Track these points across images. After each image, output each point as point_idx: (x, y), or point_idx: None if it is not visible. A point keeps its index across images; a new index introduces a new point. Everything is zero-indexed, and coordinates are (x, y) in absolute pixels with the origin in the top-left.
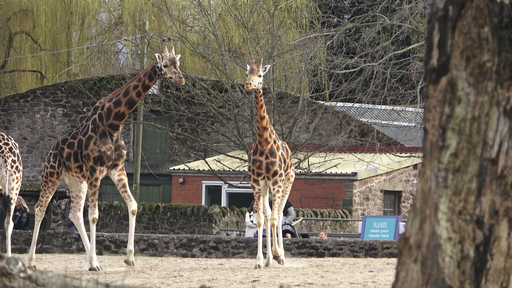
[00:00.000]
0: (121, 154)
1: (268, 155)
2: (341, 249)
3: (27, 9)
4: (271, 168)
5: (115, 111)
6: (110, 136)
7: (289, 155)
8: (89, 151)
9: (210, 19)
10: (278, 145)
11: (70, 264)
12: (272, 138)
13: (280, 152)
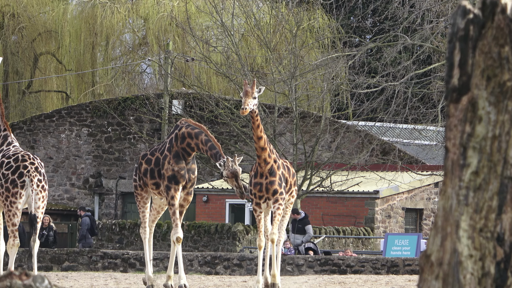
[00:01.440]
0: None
1: (268, 175)
2: (363, 266)
3: (52, 30)
4: (270, 188)
5: (188, 140)
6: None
7: (291, 174)
8: (164, 170)
9: (233, 40)
10: (279, 164)
11: (96, 282)
12: (272, 158)
13: (281, 171)
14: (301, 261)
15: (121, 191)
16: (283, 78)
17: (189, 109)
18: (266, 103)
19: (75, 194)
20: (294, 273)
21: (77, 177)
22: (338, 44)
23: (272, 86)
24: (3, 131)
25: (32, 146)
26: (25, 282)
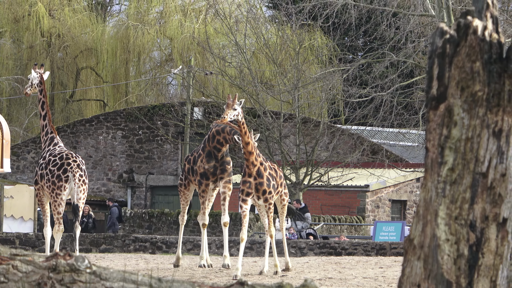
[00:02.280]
0: (225, 168)
1: (256, 176)
2: (356, 249)
3: (92, 48)
4: (259, 188)
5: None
6: (214, 155)
7: (278, 175)
8: (197, 167)
9: (246, 56)
10: (266, 166)
11: (128, 262)
12: (258, 161)
13: (268, 172)
14: (302, 244)
15: (150, 184)
16: (288, 89)
17: (207, 115)
18: (273, 110)
19: (110, 187)
20: (297, 254)
21: (113, 172)
22: (334, 60)
23: (278, 96)
24: (50, 134)
25: (74, 146)
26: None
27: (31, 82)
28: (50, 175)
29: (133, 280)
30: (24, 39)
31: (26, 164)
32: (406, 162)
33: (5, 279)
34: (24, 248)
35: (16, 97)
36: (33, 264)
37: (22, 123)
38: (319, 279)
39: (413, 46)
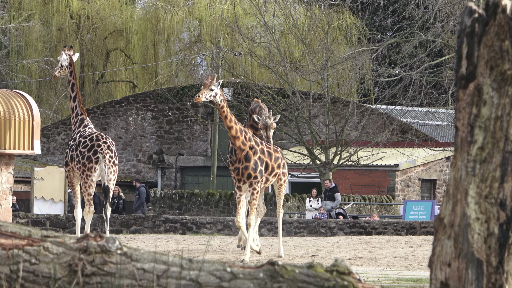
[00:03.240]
0: None
1: (243, 160)
2: (386, 228)
3: (121, 29)
4: (244, 172)
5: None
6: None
7: (273, 158)
8: None
9: (274, 37)
10: (257, 150)
11: (159, 243)
12: (247, 145)
13: (258, 156)
14: (332, 224)
15: (180, 165)
16: (317, 69)
17: (237, 96)
18: (303, 90)
19: (141, 168)
20: (327, 234)
21: (143, 153)
22: (363, 40)
23: (308, 76)
24: (80, 115)
25: (104, 128)
26: (99, 242)
27: (60, 64)
28: (81, 157)
29: (163, 261)
30: (53, 21)
31: (56, 146)
32: (435, 141)
33: (36, 260)
34: (55, 230)
35: (46, 79)
36: (64, 246)
37: (52, 105)
38: (349, 259)
39: (442, 25)
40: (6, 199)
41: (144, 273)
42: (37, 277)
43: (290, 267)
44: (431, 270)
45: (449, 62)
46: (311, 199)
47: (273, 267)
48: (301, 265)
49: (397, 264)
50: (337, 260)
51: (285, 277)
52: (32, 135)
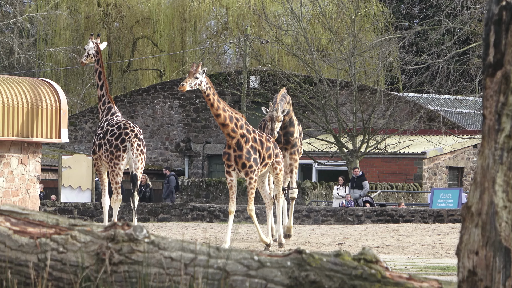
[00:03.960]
0: (288, 139)
1: (236, 148)
2: (413, 216)
3: (148, 17)
4: (238, 161)
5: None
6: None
7: (264, 147)
8: None
9: (302, 25)
10: (248, 138)
11: (186, 231)
12: (238, 133)
13: (250, 145)
14: (360, 212)
15: (207, 153)
16: (344, 57)
17: (264, 84)
18: (330, 78)
19: (168, 157)
20: (354, 222)
21: (170, 142)
22: (390, 28)
23: (335, 64)
24: (108, 104)
25: (131, 116)
26: (126, 231)
27: (87, 52)
28: (108, 145)
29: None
30: (80, 9)
31: (83, 134)
32: (463, 129)
33: (63, 249)
34: (82, 218)
35: (73, 67)
36: (92, 234)
37: (80, 93)
38: (377, 247)
39: (469, 13)
40: (33, 188)
41: (172, 262)
42: (65, 265)
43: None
44: (458, 258)
45: (476, 50)
46: (338, 187)
47: (301, 255)
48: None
49: (425, 252)
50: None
51: (313, 265)
52: (59, 124)
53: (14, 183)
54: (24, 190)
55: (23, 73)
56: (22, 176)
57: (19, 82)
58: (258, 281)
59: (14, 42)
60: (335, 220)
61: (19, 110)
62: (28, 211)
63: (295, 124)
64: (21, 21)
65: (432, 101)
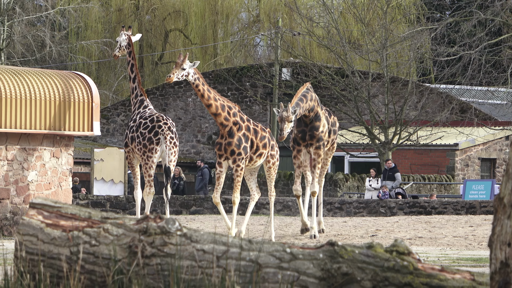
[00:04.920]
0: (313, 134)
1: (226, 136)
2: (445, 208)
3: (180, 10)
4: (227, 148)
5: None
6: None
7: (258, 136)
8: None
9: (333, 16)
10: (242, 126)
11: (218, 223)
12: (231, 121)
13: (242, 133)
14: (392, 204)
15: None
16: (376, 48)
17: (296, 76)
18: (361, 70)
19: (200, 149)
20: (386, 214)
21: (202, 134)
22: (422, 19)
23: (367, 56)
24: (140, 96)
25: (163, 109)
26: (159, 224)
27: (119, 45)
28: (141, 138)
29: (223, 242)
30: (112, 2)
31: (116, 127)
32: (495, 120)
33: (96, 242)
34: (115, 211)
35: (105, 60)
36: (124, 227)
37: (112, 86)
38: (409, 239)
39: (501, 4)
40: (66, 181)
41: (204, 254)
42: (97, 258)
43: (350, 248)
44: (490, 249)
45: (508, 41)
46: (370, 179)
47: (333, 247)
48: (361, 246)
49: (457, 243)
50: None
51: (345, 257)
52: (91, 117)
53: (47, 176)
54: (57, 183)
55: (55, 66)
56: (55, 169)
57: (51, 75)
58: (290, 273)
59: (46, 35)
60: (368, 212)
61: (51, 103)
62: (60, 204)
63: (322, 118)
64: (53, 14)
65: (464, 93)
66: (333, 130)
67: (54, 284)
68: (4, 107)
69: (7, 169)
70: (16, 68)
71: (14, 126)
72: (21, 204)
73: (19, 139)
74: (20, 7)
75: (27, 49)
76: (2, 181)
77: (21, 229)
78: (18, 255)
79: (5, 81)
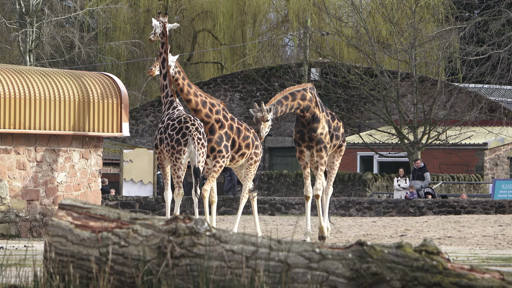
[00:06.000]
0: (311, 136)
1: (207, 133)
2: (474, 207)
3: (208, 10)
4: (207, 145)
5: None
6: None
7: (241, 136)
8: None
9: (362, 16)
10: (225, 124)
11: (248, 224)
12: (212, 118)
13: (224, 131)
14: (421, 203)
15: (268, 146)
16: (404, 48)
17: (325, 76)
18: (390, 69)
19: None
20: (415, 214)
21: None
22: (451, 19)
23: (395, 55)
24: (170, 97)
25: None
26: (188, 224)
27: (154, 31)
28: (170, 139)
29: (252, 242)
30: (140, 2)
31: (145, 127)
32: None
33: (125, 243)
34: (144, 212)
35: (134, 61)
36: (153, 228)
37: (140, 87)
38: (438, 238)
39: None
40: (95, 182)
41: (233, 255)
42: (126, 259)
43: (379, 248)
44: None
45: None
46: (399, 178)
47: (362, 247)
48: (390, 245)
49: (486, 243)
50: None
51: (374, 257)
52: (120, 118)
53: (76, 177)
54: (86, 184)
55: (84, 67)
56: (84, 170)
57: (80, 77)
58: (320, 274)
59: (75, 36)
60: (397, 211)
61: (80, 104)
62: (89, 205)
63: (321, 120)
64: (82, 15)
65: (493, 92)
66: (335, 134)
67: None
68: (33, 108)
69: (36, 170)
70: (45, 70)
71: (43, 127)
72: (50, 205)
73: (48, 140)
74: (48, 8)
75: (56, 50)
76: (32, 182)
77: (50, 230)
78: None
79: (34, 82)
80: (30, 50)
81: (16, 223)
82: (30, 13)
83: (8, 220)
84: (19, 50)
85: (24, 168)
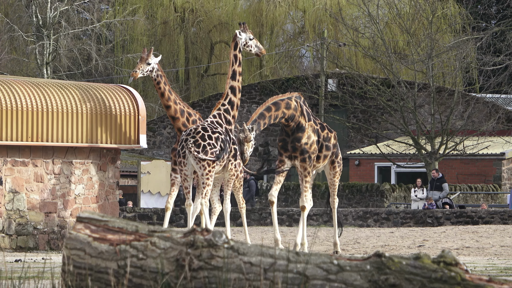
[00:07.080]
0: (295, 146)
1: None
2: (492, 217)
3: (225, 22)
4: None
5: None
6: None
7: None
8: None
9: (379, 27)
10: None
11: (265, 235)
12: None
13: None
14: (439, 214)
15: None
16: (421, 58)
17: (342, 87)
18: (407, 80)
19: None
20: (433, 224)
21: None
22: (468, 29)
23: (412, 66)
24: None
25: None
26: (206, 237)
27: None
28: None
29: (270, 254)
30: (157, 15)
31: (162, 139)
32: None
33: (143, 255)
34: (161, 224)
35: None
36: (171, 241)
37: (158, 98)
38: (456, 249)
39: None
40: (113, 194)
41: (251, 267)
42: (145, 272)
43: (397, 259)
44: None
45: None
46: (416, 189)
47: (380, 259)
48: (408, 257)
49: (505, 253)
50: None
51: (392, 268)
52: (138, 130)
53: (94, 190)
54: (104, 196)
55: (101, 80)
56: (102, 182)
57: (97, 89)
58: (338, 285)
59: (92, 48)
60: (415, 222)
61: (97, 116)
62: (107, 217)
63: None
64: (99, 27)
65: (510, 102)
66: (325, 145)
67: None
68: (50, 121)
69: (54, 183)
70: (62, 82)
71: (61, 139)
72: (68, 218)
73: (65, 152)
74: (65, 21)
75: (73, 63)
76: (50, 195)
77: (68, 243)
78: (66, 269)
79: (51, 94)
80: (47, 63)
81: (34, 236)
82: (47, 26)
83: (26, 233)
84: (36, 63)
85: (41, 181)
